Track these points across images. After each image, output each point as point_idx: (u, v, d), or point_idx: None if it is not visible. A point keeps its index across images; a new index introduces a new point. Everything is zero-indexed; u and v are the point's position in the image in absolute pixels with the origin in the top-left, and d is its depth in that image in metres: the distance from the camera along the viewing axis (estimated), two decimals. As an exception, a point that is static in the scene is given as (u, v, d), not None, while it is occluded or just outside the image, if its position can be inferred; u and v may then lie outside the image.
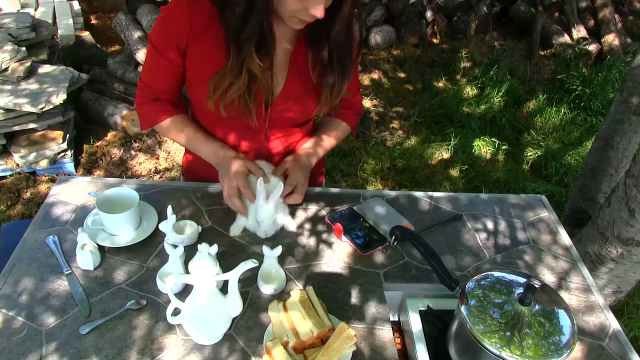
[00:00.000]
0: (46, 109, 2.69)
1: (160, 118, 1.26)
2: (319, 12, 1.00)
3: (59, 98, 2.74)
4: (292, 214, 1.30)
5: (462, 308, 0.92)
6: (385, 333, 1.03)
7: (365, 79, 4.31)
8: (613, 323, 1.11)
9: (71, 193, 1.31)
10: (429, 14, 4.98)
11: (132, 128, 3.24)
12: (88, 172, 2.99)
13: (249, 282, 1.10)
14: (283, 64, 1.20)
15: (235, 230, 1.23)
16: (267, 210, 1.16)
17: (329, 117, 1.42)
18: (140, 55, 3.52)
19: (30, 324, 0.98)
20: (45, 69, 2.95)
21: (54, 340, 0.95)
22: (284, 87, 1.21)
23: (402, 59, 4.69)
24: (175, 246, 1.06)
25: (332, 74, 1.18)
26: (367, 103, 3.94)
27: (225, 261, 1.11)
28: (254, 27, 1.04)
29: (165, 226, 1.14)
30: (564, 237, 1.34)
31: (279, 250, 1.09)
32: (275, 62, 1.18)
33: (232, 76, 1.11)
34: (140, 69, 3.61)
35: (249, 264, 0.91)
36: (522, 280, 0.97)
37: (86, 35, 3.93)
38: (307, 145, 1.35)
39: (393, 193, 1.43)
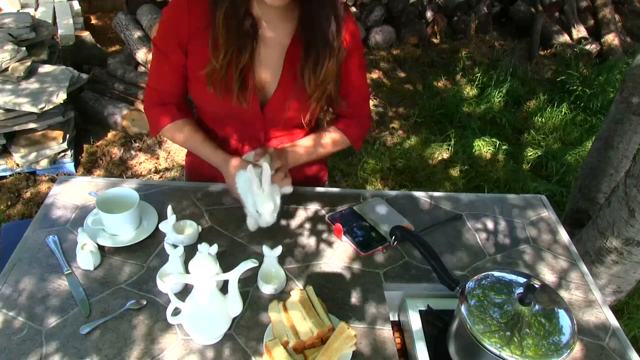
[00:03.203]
0: (46, 108, 2.69)
1: (164, 122, 1.26)
2: None
3: (59, 98, 2.73)
4: (293, 213, 1.30)
5: (462, 308, 0.92)
6: (385, 333, 1.03)
7: (365, 79, 4.31)
8: (613, 323, 1.11)
9: (71, 193, 1.31)
10: (429, 14, 4.98)
11: (132, 128, 3.24)
12: (88, 172, 2.99)
13: (249, 282, 1.10)
14: (277, 63, 1.20)
15: (252, 224, 1.21)
16: (264, 197, 1.11)
17: (328, 127, 1.37)
18: (140, 55, 3.52)
19: (30, 324, 0.98)
20: (45, 68, 2.95)
21: (54, 340, 0.95)
22: (278, 87, 1.22)
23: (402, 59, 4.69)
24: (175, 246, 1.06)
25: (319, 74, 1.17)
26: (367, 103, 3.94)
27: (225, 261, 1.11)
28: None
29: (165, 226, 1.14)
30: (564, 237, 1.34)
31: (279, 250, 1.09)
32: (269, 61, 1.20)
33: (219, 54, 1.11)
34: (140, 68, 3.61)
35: (249, 264, 0.91)
36: (522, 280, 0.97)
37: (86, 35, 3.93)
38: (287, 145, 1.32)
39: (393, 193, 1.43)
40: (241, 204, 1.20)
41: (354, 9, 4.74)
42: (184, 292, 1.07)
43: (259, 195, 1.10)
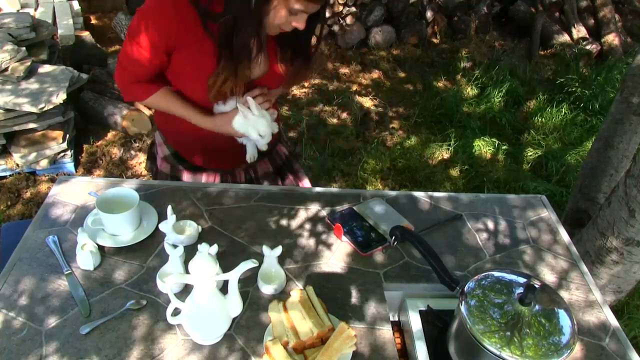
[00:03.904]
0: (46, 108, 2.69)
1: (145, 95, 1.29)
2: (301, 25, 1.15)
3: (59, 98, 2.73)
4: (293, 213, 1.30)
5: (462, 308, 0.92)
6: (385, 333, 1.03)
7: (365, 79, 4.31)
8: (613, 323, 1.11)
9: (71, 193, 1.31)
10: (429, 14, 4.98)
11: (132, 128, 3.24)
12: (88, 172, 2.99)
13: (249, 282, 1.10)
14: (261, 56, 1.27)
15: (251, 155, 1.40)
16: (259, 118, 1.25)
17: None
18: (140, 55, 3.52)
19: (30, 324, 0.98)
20: (45, 68, 2.95)
21: (54, 340, 0.96)
22: (263, 77, 1.30)
23: (402, 59, 4.68)
24: (175, 246, 1.06)
25: (296, 65, 1.31)
26: (367, 103, 3.94)
27: (225, 261, 1.11)
28: (250, 39, 1.15)
29: (165, 226, 1.14)
30: (564, 237, 1.34)
31: (279, 250, 1.09)
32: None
33: (226, 75, 1.18)
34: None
35: (249, 264, 0.91)
36: (522, 280, 0.97)
37: (86, 35, 3.93)
38: None
39: (393, 193, 1.43)
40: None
41: (354, 9, 4.74)
42: (184, 292, 1.07)
43: (254, 119, 1.25)
